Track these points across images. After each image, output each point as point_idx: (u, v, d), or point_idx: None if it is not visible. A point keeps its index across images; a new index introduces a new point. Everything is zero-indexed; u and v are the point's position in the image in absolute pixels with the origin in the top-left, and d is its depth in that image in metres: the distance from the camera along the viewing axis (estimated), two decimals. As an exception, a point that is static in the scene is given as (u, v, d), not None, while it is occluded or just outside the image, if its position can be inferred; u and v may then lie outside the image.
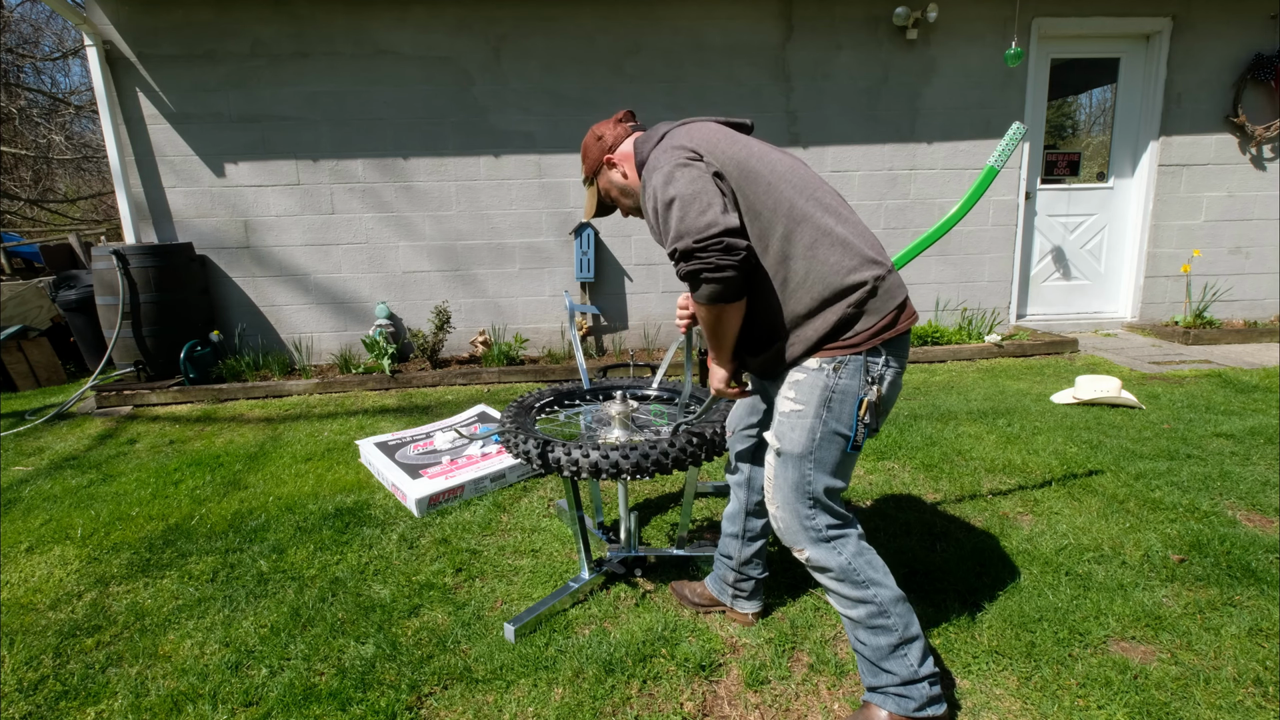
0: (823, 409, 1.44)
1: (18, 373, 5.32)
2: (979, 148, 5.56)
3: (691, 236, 1.33)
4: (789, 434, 1.48)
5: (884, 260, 1.45)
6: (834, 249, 1.41)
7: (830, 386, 1.43)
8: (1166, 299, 5.96)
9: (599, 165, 1.70)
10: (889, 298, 1.43)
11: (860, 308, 1.40)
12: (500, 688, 1.70)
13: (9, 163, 11.98)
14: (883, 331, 1.42)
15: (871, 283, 1.40)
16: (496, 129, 5.25)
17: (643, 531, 2.52)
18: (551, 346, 5.58)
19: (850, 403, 1.43)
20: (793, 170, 1.48)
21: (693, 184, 1.37)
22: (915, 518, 2.52)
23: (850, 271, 1.40)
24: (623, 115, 1.71)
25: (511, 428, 1.92)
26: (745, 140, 1.51)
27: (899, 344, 1.47)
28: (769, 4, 5.25)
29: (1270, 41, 5.51)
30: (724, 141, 1.47)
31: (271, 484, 3.08)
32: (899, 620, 1.47)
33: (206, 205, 5.16)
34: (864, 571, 1.48)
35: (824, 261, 1.41)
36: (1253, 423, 3.41)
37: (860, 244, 1.43)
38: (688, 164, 1.40)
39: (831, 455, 1.47)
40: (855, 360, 1.42)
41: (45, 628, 2.03)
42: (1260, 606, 1.91)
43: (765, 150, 1.50)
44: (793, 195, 1.43)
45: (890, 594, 1.48)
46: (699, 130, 1.51)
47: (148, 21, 4.89)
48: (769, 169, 1.45)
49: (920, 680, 1.47)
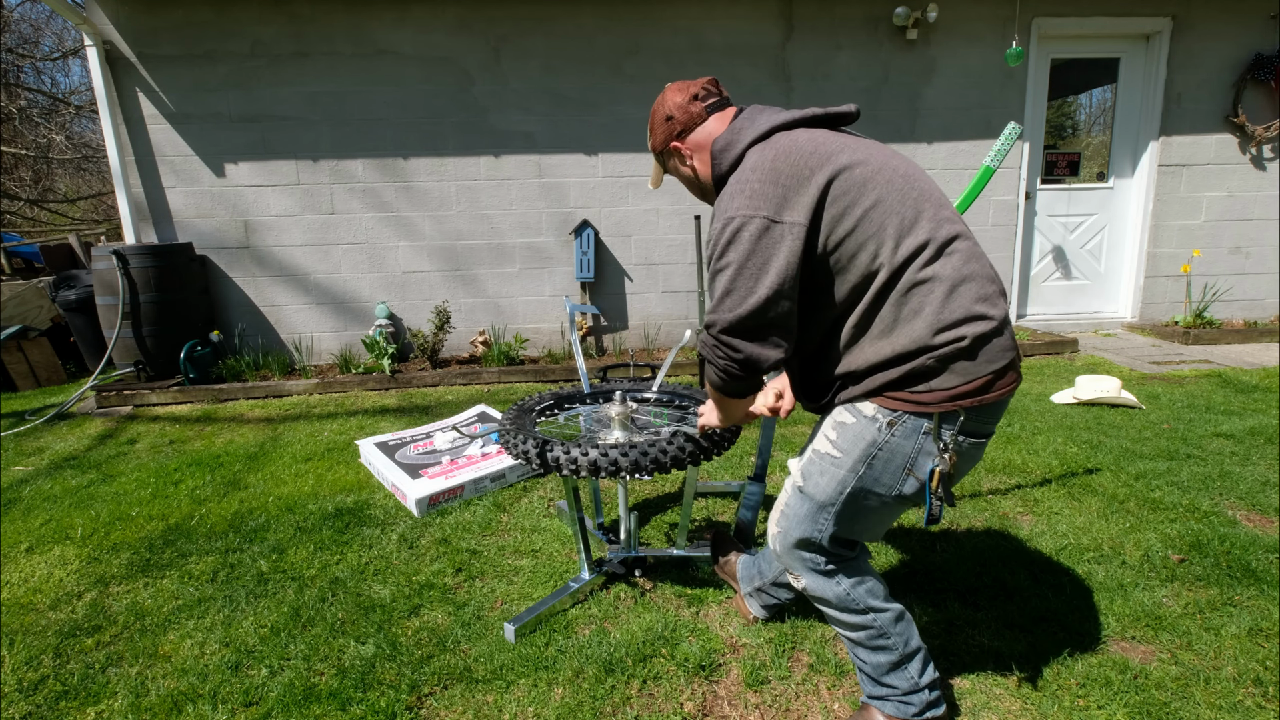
0: (862, 464, 1.27)
1: (18, 373, 5.32)
2: (979, 148, 5.56)
3: (721, 327, 1.24)
4: (816, 477, 1.33)
5: (994, 314, 1.19)
6: (930, 298, 1.18)
7: (877, 443, 1.25)
8: (1166, 299, 5.96)
9: (664, 147, 1.47)
10: (986, 360, 1.19)
11: (945, 363, 1.18)
12: (500, 688, 1.70)
13: (9, 163, 11.98)
14: (966, 396, 1.19)
15: (971, 339, 1.17)
16: (496, 129, 5.25)
17: (642, 531, 2.52)
18: (551, 346, 5.58)
19: (898, 465, 1.25)
20: (904, 197, 1.21)
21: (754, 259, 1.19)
22: (915, 518, 2.52)
23: (950, 326, 1.18)
24: (700, 89, 1.42)
25: (511, 428, 1.92)
26: (847, 157, 1.22)
27: (987, 413, 1.24)
28: (769, 4, 5.25)
29: (1270, 41, 5.51)
30: (818, 164, 1.21)
31: (271, 484, 3.08)
32: (899, 639, 1.42)
33: (206, 205, 5.16)
34: (862, 600, 1.41)
35: (915, 309, 1.19)
36: (1253, 423, 3.41)
37: (973, 292, 1.19)
38: (763, 226, 1.19)
39: (856, 512, 1.33)
40: (917, 420, 1.21)
41: (45, 628, 2.03)
42: (1260, 606, 1.91)
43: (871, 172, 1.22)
44: (897, 231, 1.19)
45: (890, 615, 1.42)
46: (789, 153, 1.23)
47: (148, 21, 4.89)
48: (873, 201, 1.20)
49: (921, 689, 1.44)
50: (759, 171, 1.23)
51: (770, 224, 1.19)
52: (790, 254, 1.19)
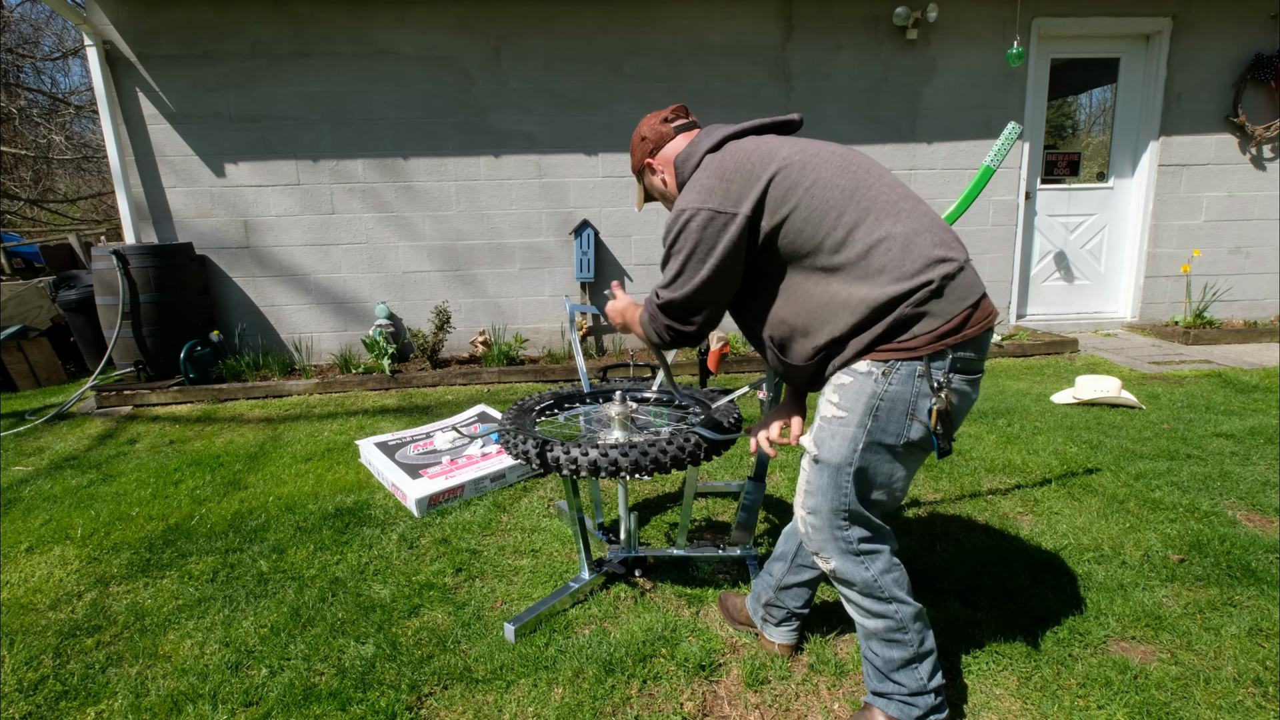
0: (868, 418, 1.33)
1: (18, 373, 5.32)
2: (979, 148, 5.56)
3: (663, 303, 1.46)
4: (828, 441, 1.38)
5: (953, 255, 1.30)
6: (889, 255, 1.29)
7: (878, 393, 1.31)
8: (1166, 299, 5.96)
9: (642, 165, 1.67)
10: (958, 296, 1.29)
11: (920, 307, 1.28)
12: (500, 688, 1.70)
13: (9, 163, 11.98)
14: (948, 335, 1.28)
15: (938, 281, 1.27)
16: (496, 129, 5.25)
17: (642, 531, 2.52)
18: (551, 346, 5.58)
19: (901, 411, 1.31)
20: (842, 172, 1.36)
21: (697, 246, 1.37)
22: (915, 518, 2.52)
23: (903, 278, 1.28)
24: (670, 113, 1.62)
25: (511, 428, 1.92)
26: (787, 152, 1.38)
27: (970, 348, 1.32)
28: (769, 4, 5.25)
29: (1270, 41, 5.51)
30: (761, 163, 1.37)
31: (271, 484, 3.08)
32: (915, 636, 1.42)
33: (206, 205, 5.16)
34: (889, 589, 1.41)
35: (881, 269, 1.29)
36: (1253, 423, 3.41)
37: (925, 241, 1.30)
38: (709, 217, 1.36)
39: (875, 467, 1.36)
40: (910, 365, 1.29)
41: (45, 628, 2.03)
42: (1260, 606, 1.91)
43: (809, 158, 1.37)
44: (842, 202, 1.32)
45: (911, 610, 1.43)
46: (738, 156, 1.40)
47: (148, 21, 4.89)
48: (813, 180, 1.34)
49: (927, 692, 1.43)
50: (708, 171, 1.41)
51: (715, 214, 1.36)
52: (731, 241, 1.35)
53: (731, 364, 5.04)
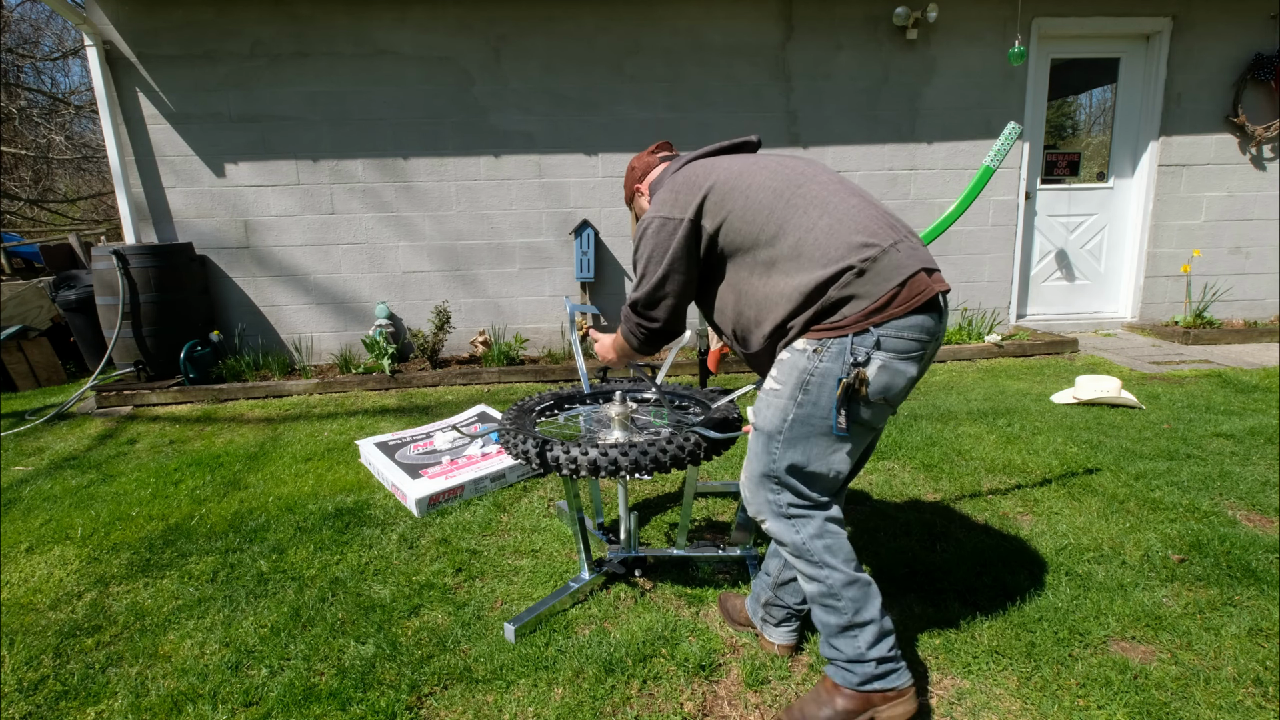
0: (798, 391, 1.44)
1: (18, 373, 5.32)
2: (979, 148, 5.56)
3: (631, 303, 1.63)
4: (764, 411, 1.51)
5: (878, 241, 1.40)
6: (817, 244, 1.41)
7: (808, 369, 1.42)
8: (1166, 299, 5.96)
9: (632, 193, 1.85)
10: (882, 278, 1.37)
11: (845, 289, 1.38)
12: (500, 688, 1.70)
13: (9, 163, 11.98)
14: (874, 314, 1.37)
15: (859, 265, 1.37)
16: (496, 129, 5.25)
17: (642, 531, 2.52)
18: (551, 346, 5.58)
19: (830, 387, 1.41)
20: (774, 176, 1.51)
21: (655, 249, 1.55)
22: (915, 518, 2.52)
23: (835, 260, 1.38)
24: (656, 146, 1.84)
25: (511, 428, 1.92)
26: (726, 164, 1.57)
27: (902, 328, 1.39)
28: (769, 4, 5.25)
29: (1270, 41, 5.51)
30: (703, 176, 1.55)
31: (271, 484, 3.08)
32: (849, 604, 1.48)
33: (206, 205, 5.16)
34: (819, 554, 1.50)
35: (810, 258, 1.41)
36: (1253, 423, 3.41)
37: (847, 229, 1.41)
38: (661, 223, 1.55)
39: (803, 438, 1.46)
40: (839, 343, 1.39)
41: (45, 628, 2.03)
42: (1260, 606, 1.91)
43: (745, 167, 1.55)
44: (772, 203, 1.47)
45: (842, 578, 1.48)
46: (687, 173, 1.60)
47: (148, 21, 4.89)
48: (747, 185, 1.50)
49: (867, 661, 1.48)
50: (665, 188, 1.62)
51: (666, 220, 1.54)
52: (680, 241, 1.53)
53: (731, 364, 5.04)
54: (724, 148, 1.70)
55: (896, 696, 1.49)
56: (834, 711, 1.50)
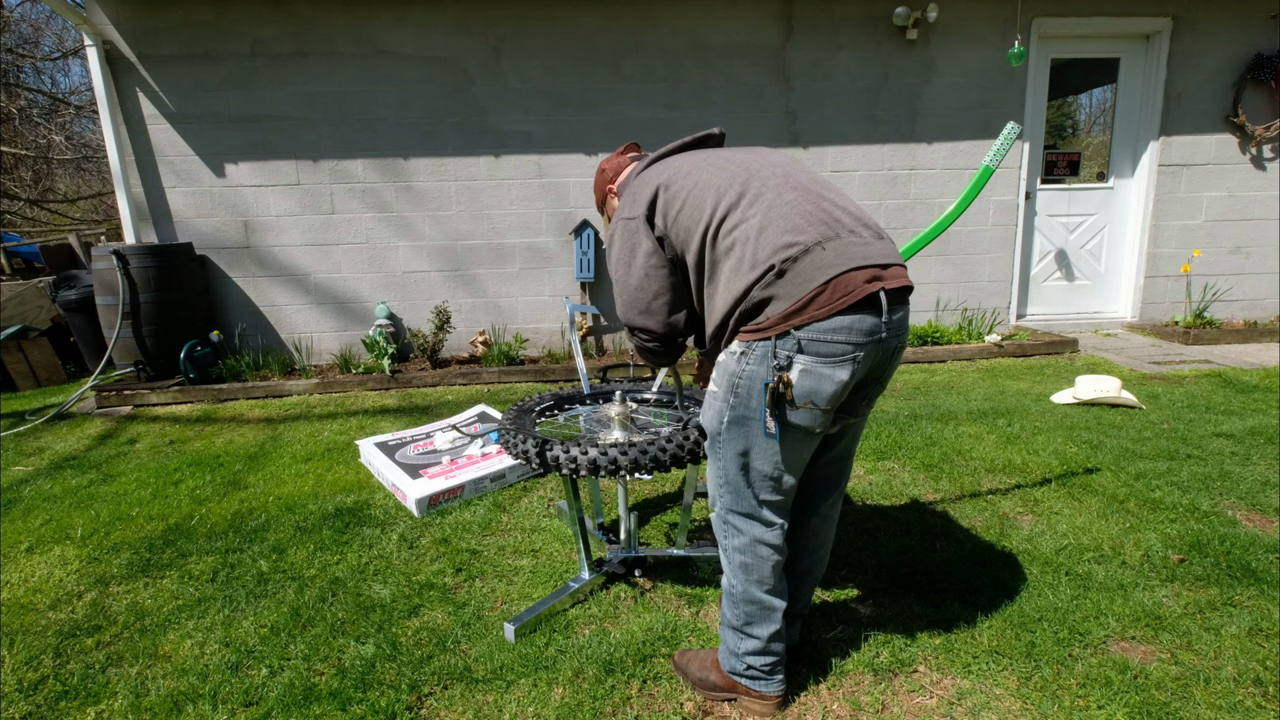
0: (729, 394, 1.45)
1: (18, 373, 5.32)
2: (979, 148, 5.56)
3: (624, 319, 1.62)
4: (705, 413, 1.53)
5: (802, 240, 1.35)
6: (747, 244, 1.38)
7: (736, 372, 1.43)
8: (1166, 299, 5.96)
9: (605, 197, 1.83)
10: (803, 279, 1.33)
11: (767, 290, 1.36)
12: (500, 688, 1.70)
13: (9, 163, 11.98)
14: (793, 315, 1.34)
15: (779, 265, 1.34)
16: (496, 129, 5.25)
17: (642, 531, 2.53)
18: (551, 346, 5.58)
19: (757, 390, 1.40)
20: (721, 171, 1.49)
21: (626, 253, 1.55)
22: (915, 518, 2.52)
23: (761, 262, 1.36)
24: (625, 148, 1.82)
25: (510, 428, 1.92)
26: (678, 162, 1.57)
27: (825, 330, 1.34)
28: (769, 4, 5.25)
29: (1270, 41, 5.51)
30: (656, 175, 1.56)
31: (271, 484, 3.08)
32: (743, 615, 1.56)
33: (206, 205, 5.16)
34: (735, 565, 1.55)
35: (739, 258, 1.39)
36: (1253, 423, 3.41)
37: (774, 229, 1.37)
38: (624, 225, 1.56)
39: (739, 439, 1.46)
40: (763, 345, 1.38)
41: (45, 628, 2.03)
42: (1260, 606, 1.91)
43: (696, 164, 1.54)
44: (715, 201, 1.45)
45: (742, 594, 1.55)
46: (644, 174, 1.61)
47: (148, 21, 4.89)
48: (693, 185, 1.49)
49: (742, 659, 1.58)
50: (629, 188, 1.63)
51: (628, 220, 1.55)
52: (645, 236, 1.53)
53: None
54: (686, 144, 1.68)
55: (759, 698, 1.60)
56: (705, 678, 1.66)
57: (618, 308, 1.62)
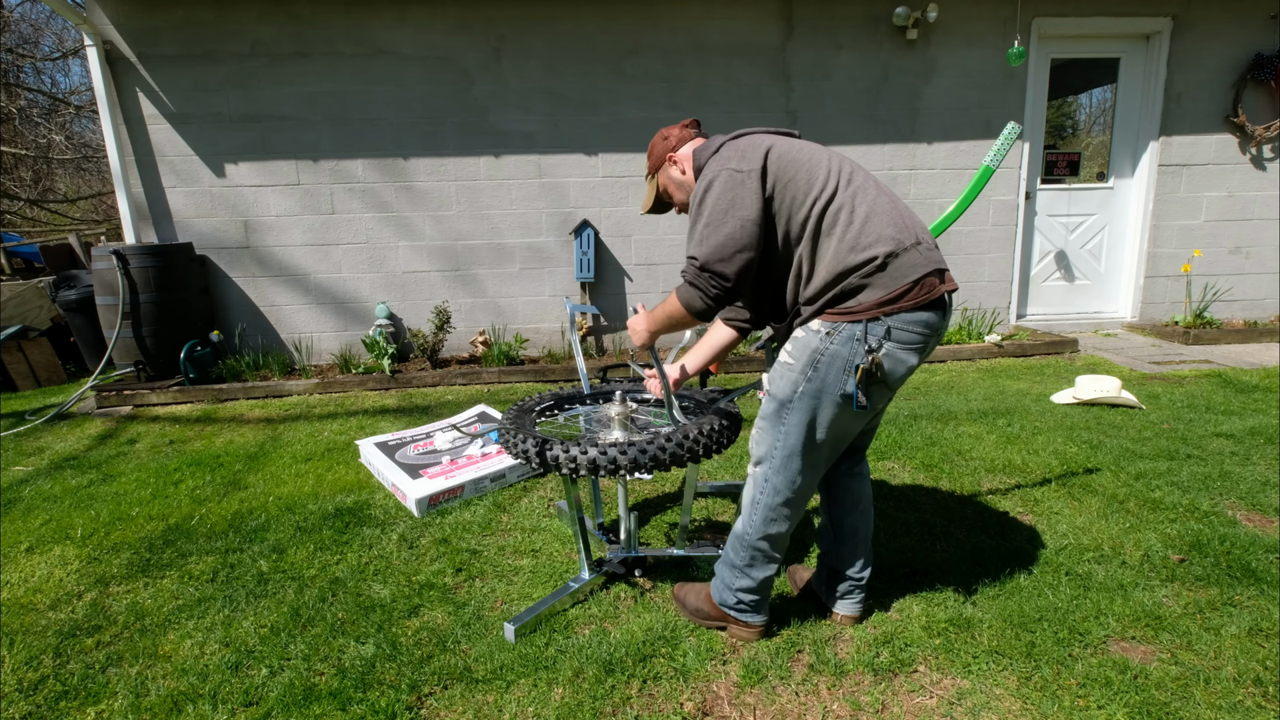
0: (809, 368, 1.58)
1: (18, 373, 5.32)
2: (979, 148, 5.56)
3: (703, 261, 1.57)
4: (777, 381, 1.65)
5: (904, 239, 1.53)
6: (851, 227, 1.53)
7: (819, 349, 1.56)
8: (1167, 299, 5.96)
9: (662, 161, 1.87)
10: (900, 274, 1.51)
11: (866, 279, 1.51)
12: (500, 688, 1.70)
13: (9, 163, 11.98)
14: (886, 304, 1.51)
15: (882, 258, 1.51)
16: (496, 129, 5.25)
17: (642, 531, 2.52)
18: (551, 346, 5.58)
19: (839, 367, 1.55)
20: (827, 156, 1.63)
21: (726, 200, 1.56)
22: (915, 518, 2.52)
23: (864, 248, 1.51)
24: (689, 122, 1.89)
25: (510, 428, 1.92)
26: (787, 139, 1.68)
27: (909, 321, 1.53)
28: (769, 4, 5.25)
29: (1270, 41, 5.51)
30: (765, 143, 1.64)
31: (271, 484, 3.08)
32: (746, 559, 1.76)
33: (206, 205, 5.16)
34: (757, 516, 1.72)
35: (842, 238, 1.53)
36: (1253, 423, 3.41)
37: (881, 222, 1.53)
38: (730, 175, 1.58)
39: (808, 409, 1.61)
40: (851, 328, 1.53)
41: (45, 628, 2.03)
42: (1260, 606, 1.91)
43: (800, 144, 1.66)
44: (824, 178, 1.57)
45: (753, 541, 1.73)
46: (746, 140, 1.68)
47: (148, 21, 4.89)
48: (804, 158, 1.60)
49: (734, 593, 1.79)
50: (727, 150, 1.67)
51: (735, 172, 1.58)
52: (751, 192, 1.56)
53: (731, 364, 5.04)
54: (773, 131, 1.75)
55: (746, 627, 1.82)
56: (700, 609, 1.89)
57: (696, 249, 1.58)
